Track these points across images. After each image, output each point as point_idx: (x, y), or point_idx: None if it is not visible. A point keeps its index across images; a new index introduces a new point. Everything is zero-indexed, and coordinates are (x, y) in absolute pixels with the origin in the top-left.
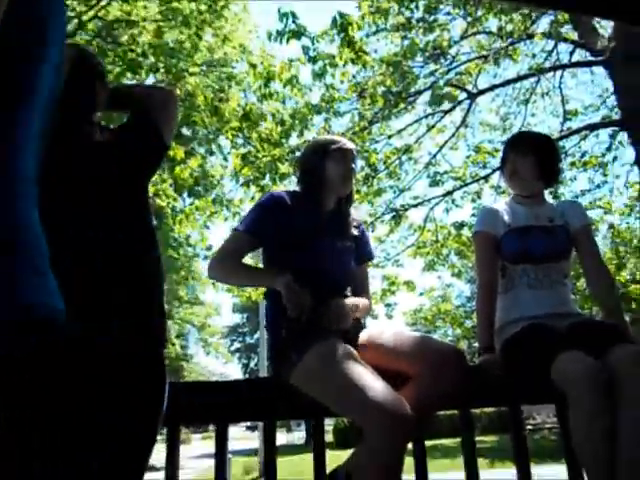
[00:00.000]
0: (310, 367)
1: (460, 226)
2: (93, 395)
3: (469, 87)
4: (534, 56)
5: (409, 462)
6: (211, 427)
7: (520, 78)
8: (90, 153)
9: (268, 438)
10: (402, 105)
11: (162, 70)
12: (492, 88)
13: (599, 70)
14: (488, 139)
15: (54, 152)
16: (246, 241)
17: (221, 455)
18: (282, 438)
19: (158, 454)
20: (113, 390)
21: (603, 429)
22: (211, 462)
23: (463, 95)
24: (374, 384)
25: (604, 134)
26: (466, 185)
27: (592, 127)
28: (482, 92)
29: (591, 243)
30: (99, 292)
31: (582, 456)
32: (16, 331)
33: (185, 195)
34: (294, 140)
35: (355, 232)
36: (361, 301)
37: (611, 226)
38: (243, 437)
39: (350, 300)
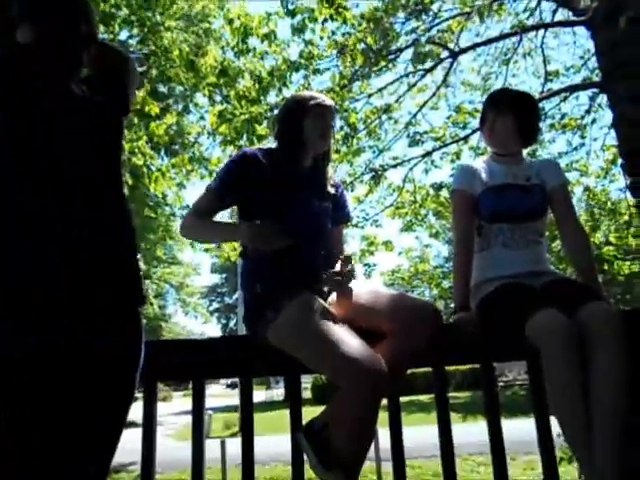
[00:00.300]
0: (286, 324)
1: (439, 187)
2: (78, 394)
3: (451, 45)
4: (517, 15)
5: (384, 417)
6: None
7: (502, 37)
8: (72, 113)
9: (245, 394)
10: (383, 63)
11: (136, 24)
12: (474, 47)
13: (581, 31)
14: (469, 99)
15: (37, 115)
16: (216, 200)
17: (198, 410)
18: (261, 395)
19: (139, 411)
20: (95, 390)
21: (576, 383)
22: (190, 418)
23: (445, 54)
24: (349, 340)
25: (584, 96)
26: (445, 146)
27: (572, 89)
28: (464, 50)
29: (567, 203)
30: (85, 292)
31: (557, 409)
32: None
33: (162, 155)
34: (272, 98)
35: (332, 191)
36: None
37: (587, 188)
38: (224, 394)
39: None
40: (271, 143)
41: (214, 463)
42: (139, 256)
